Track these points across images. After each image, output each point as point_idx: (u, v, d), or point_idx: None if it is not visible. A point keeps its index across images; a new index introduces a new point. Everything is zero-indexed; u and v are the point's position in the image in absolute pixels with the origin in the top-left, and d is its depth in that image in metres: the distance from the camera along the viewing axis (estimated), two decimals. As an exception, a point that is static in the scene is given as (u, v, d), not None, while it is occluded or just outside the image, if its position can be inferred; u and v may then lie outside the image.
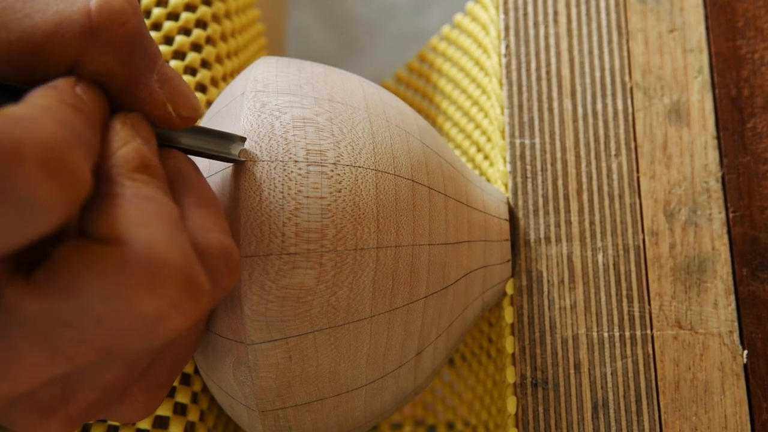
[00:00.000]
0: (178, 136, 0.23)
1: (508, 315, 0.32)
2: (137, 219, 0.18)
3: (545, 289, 0.32)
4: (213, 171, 0.26)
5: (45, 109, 0.17)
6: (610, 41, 0.35)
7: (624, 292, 0.31)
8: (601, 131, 0.33)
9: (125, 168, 0.19)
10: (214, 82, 0.35)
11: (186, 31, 0.35)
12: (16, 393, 0.18)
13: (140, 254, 0.17)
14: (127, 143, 0.20)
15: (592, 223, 0.32)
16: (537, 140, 0.34)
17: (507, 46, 0.35)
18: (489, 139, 0.38)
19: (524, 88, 0.34)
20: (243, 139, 0.25)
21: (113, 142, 0.20)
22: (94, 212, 0.18)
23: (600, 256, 0.32)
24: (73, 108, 0.18)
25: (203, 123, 0.29)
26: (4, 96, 0.19)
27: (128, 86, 0.21)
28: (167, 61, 0.34)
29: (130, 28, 0.20)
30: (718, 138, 0.33)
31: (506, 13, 0.36)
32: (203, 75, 0.35)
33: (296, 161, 0.25)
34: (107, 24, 0.20)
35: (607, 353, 0.31)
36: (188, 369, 0.32)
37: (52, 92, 0.19)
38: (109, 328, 0.17)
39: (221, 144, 0.24)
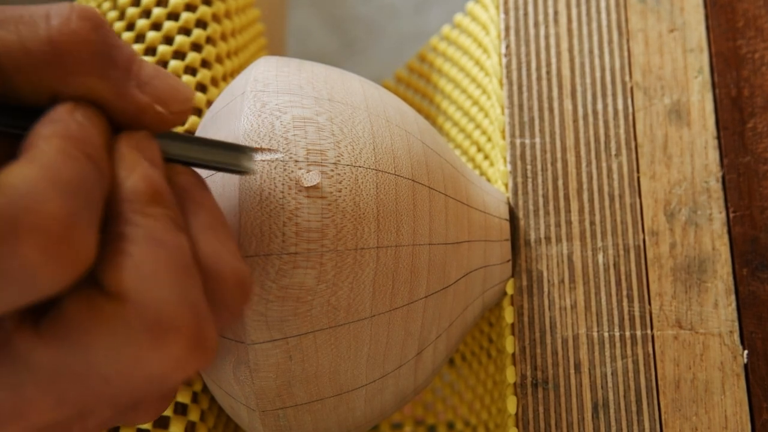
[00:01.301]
0: (186, 150, 0.22)
1: (509, 315, 0.32)
2: (146, 272, 0.17)
3: (545, 289, 0.32)
4: (213, 171, 0.26)
5: (48, 168, 0.17)
6: (610, 41, 0.35)
7: (624, 292, 0.31)
8: (602, 131, 0.33)
9: (136, 203, 0.18)
10: (214, 82, 0.35)
11: (186, 31, 0.35)
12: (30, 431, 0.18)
13: (147, 314, 0.17)
14: (134, 170, 0.19)
15: (592, 223, 0.32)
16: (537, 140, 0.34)
17: (507, 46, 0.35)
18: (489, 139, 0.38)
19: (524, 88, 0.34)
20: (254, 150, 0.24)
21: (120, 169, 0.19)
22: (103, 260, 0.18)
23: (600, 256, 0.32)
24: (79, 152, 0.18)
25: (203, 123, 0.29)
26: (7, 117, 0.19)
27: (113, 101, 0.20)
28: (167, 61, 0.34)
29: (93, 45, 0.19)
30: (719, 138, 0.33)
31: (506, 12, 0.36)
32: (203, 75, 0.35)
33: (297, 161, 0.25)
34: (70, 47, 0.19)
35: (607, 353, 0.31)
36: (188, 369, 0.32)
37: (55, 129, 0.18)
38: (116, 384, 0.17)
39: (231, 156, 0.23)
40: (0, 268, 0.15)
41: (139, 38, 0.35)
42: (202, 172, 0.25)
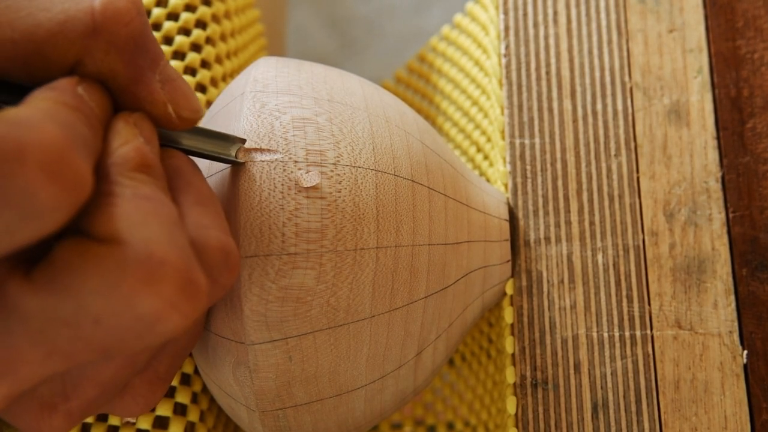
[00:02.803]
0: (178, 137, 0.23)
1: (508, 315, 0.32)
2: (135, 218, 0.18)
3: (545, 289, 0.32)
4: (213, 171, 0.26)
5: (45, 111, 0.17)
6: (609, 41, 0.35)
7: (624, 292, 0.31)
8: (601, 131, 0.33)
9: (125, 167, 0.19)
10: (214, 83, 0.35)
11: (186, 31, 0.35)
12: (18, 390, 0.18)
13: (138, 254, 0.17)
14: (128, 142, 0.20)
15: (592, 223, 0.32)
16: (537, 140, 0.34)
17: (507, 47, 0.35)
18: (489, 140, 0.38)
19: (524, 89, 0.34)
20: (242, 141, 0.25)
21: (114, 140, 0.20)
22: (92, 211, 0.18)
23: (600, 256, 0.32)
24: (73, 109, 0.18)
25: (203, 123, 0.29)
26: (8, 94, 0.20)
27: (130, 86, 0.21)
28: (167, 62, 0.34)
29: (133, 29, 0.20)
30: (718, 138, 0.33)
31: (506, 13, 0.36)
32: (203, 75, 0.35)
33: (296, 161, 0.25)
34: (111, 24, 0.20)
35: (607, 353, 0.31)
36: (188, 369, 0.32)
37: (53, 93, 0.19)
38: (107, 327, 0.17)
39: (220, 145, 0.24)
40: (2, 190, 0.15)
41: (139, 39, 0.34)
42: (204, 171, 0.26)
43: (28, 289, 0.17)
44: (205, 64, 0.35)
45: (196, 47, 0.35)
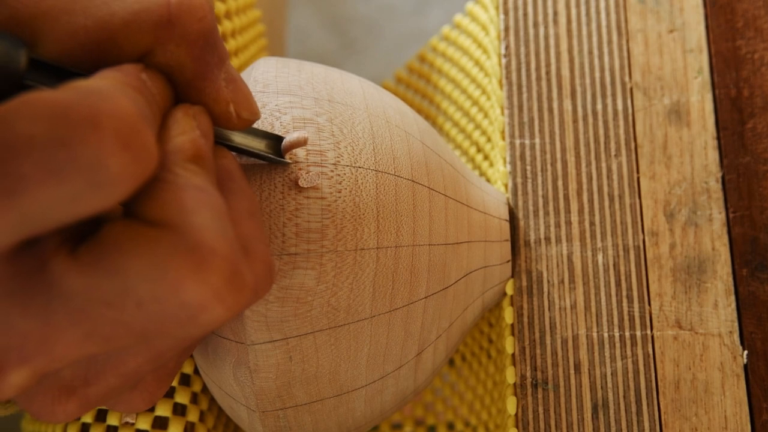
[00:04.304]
0: (230, 135, 0.23)
1: (508, 315, 0.32)
2: (188, 206, 0.18)
3: (545, 289, 0.32)
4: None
5: (116, 85, 0.17)
6: (610, 41, 0.35)
7: (624, 293, 0.31)
8: (601, 131, 0.33)
9: (179, 156, 0.19)
10: (214, 83, 0.35)
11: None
12: (49, 368, 0.18)
13: (188, 241, 0.17)
14: (185, 133, 0.20)
15: (592, 223, 0.32)
16: (537, 140, 0.34)
17: (507, 47, 0.35)
18: (489, 140, 0.38)
19: (524, 89, 0.34)
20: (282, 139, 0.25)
21: (172, 129, 0.20)
22: (145, 195, 0.18)
23: (600, 257, 0.32)
24: (137, 90, 0.19)
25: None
26: (47, 76, 0.19)
27: (195, 81, 0.21)
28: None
29: (205, 25, 0.20)
30: (718, 138, 0.33)
31: (506, 13, 0.36)
32: (203, 75, 0.35)
33: (296, 162, 0.25)
34: (185, 18, 0.20)
35: (607, 353, 0.31)
36: (188, 369, 0.32)
37: (118, 74, 0.19)
38: (151, 312, 0.17)
39: (270, 145, 0.24)
40: (75, 157, 0.15)
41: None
42: None
43: (74, 267, 0.17)
44: (205, 64, 0.35)
45: (196, 47, 0.35)
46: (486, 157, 0.38)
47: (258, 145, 0.24)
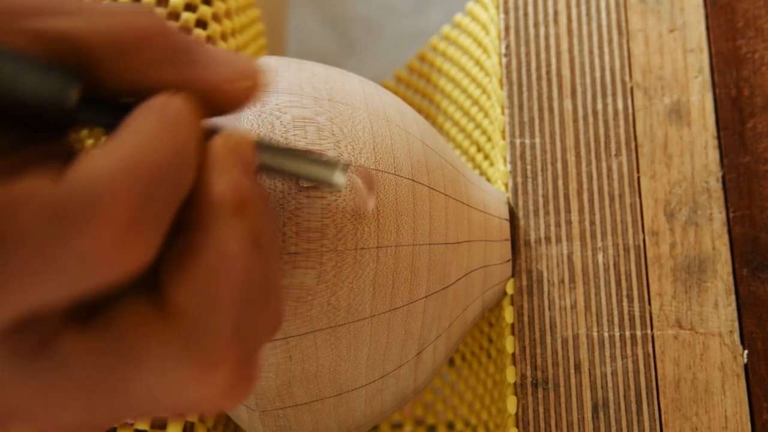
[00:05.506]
0: (281, 165, 0.21)
1: (509, 315, 0.32)
2: (209, 294, 0.17)
3: (545, 289, 0.32)
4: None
5: (132, 156, 0.17)
6: (610, 41, 0.35)
7: (624, 292, 0.31)
8: (602, 131, 0.33)
9: (219, 210, 0.18)
10: (214, 82, 0.35)
11: (186, 31, 0.35)
12: (50, 430, 0.18)
13: (201, 341, 0.17)
14: (225, 175, 0.19)
15: (592, 223, 0.32)
16: (537, 140, 0.34)
17: (507, 46, 0.35)
18: (489, 139, 0.38)
19: (524, 88, 0.34)
20: (346, 166, 0.22)
21: (212, 170, 0.19)
22: (170, 263, 0.17)
23: (600, 256, 0.32)
24: (173, 134, 0.18)
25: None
26: (99, 114, 0.19)
27: (189, 84, 0.20)
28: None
29: (165, 38, 0.19)
30: (719, 138, 0.33)
31: (506, 12, 0.36)
32: (203, 75, 0.35)
33: (296, 161, 0.25)
34: (152, 40, 0.19)
35: (607, 353, 0.31)
36: (188, 369, 0.32)
37: (153, 114, 0.18)
38: (155, 400, 0.17)
39: (324, 171, 0.22)
40: (64, 249, 0.15)
41: (139, 38, 0.35)
42: None
43: (82, 345, 0.17)
44: (205, 63, 0.35)
45: (196, 47, 0.35)
46: (486, 157, 0.38)
47: (312, 171, 0.22)
